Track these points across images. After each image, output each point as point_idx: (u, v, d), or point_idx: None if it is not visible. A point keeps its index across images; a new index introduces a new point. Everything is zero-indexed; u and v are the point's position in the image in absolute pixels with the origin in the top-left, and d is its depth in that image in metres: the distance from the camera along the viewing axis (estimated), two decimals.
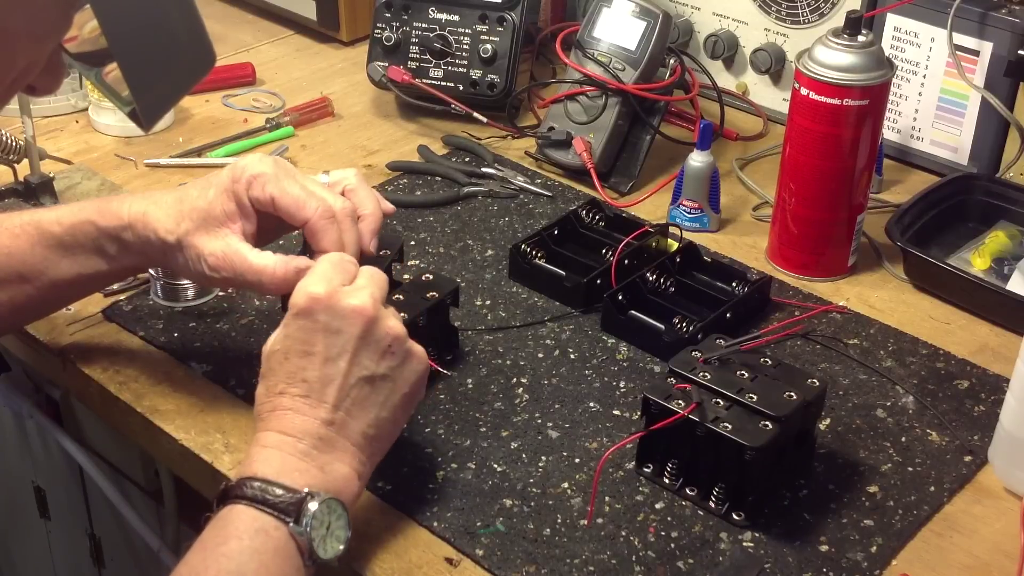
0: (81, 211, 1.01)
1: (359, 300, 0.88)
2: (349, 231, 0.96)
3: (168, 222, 0.97)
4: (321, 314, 0.88)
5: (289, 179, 0.96)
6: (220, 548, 0.81)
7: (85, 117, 1.51)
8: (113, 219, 0.99)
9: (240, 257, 0.96)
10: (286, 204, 0.95)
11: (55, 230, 1.01)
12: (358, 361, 0.88)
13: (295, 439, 0.86)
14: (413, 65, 1.50)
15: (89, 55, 0.84)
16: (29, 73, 0.79)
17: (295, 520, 0.82)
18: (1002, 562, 0.93)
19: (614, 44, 1.38)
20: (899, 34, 1.40)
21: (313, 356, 0.88)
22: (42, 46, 0.78)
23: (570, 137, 1.39)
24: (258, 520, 0.82)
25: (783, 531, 0.95)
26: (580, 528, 0.95)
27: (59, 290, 1.05)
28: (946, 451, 1.04)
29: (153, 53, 0.82)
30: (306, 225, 0.95)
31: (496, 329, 1.16)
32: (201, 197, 0.97)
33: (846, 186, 1.21)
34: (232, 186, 0.97)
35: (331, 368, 0.88)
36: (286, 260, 0.96)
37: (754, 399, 0.94)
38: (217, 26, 1.76)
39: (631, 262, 1.20)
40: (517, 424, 1.05)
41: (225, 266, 0.96)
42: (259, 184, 0.96)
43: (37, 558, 1.59)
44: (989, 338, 1.17)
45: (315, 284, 0.89)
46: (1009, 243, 1.27)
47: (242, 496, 0.83)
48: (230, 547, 0.81)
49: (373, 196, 1.00)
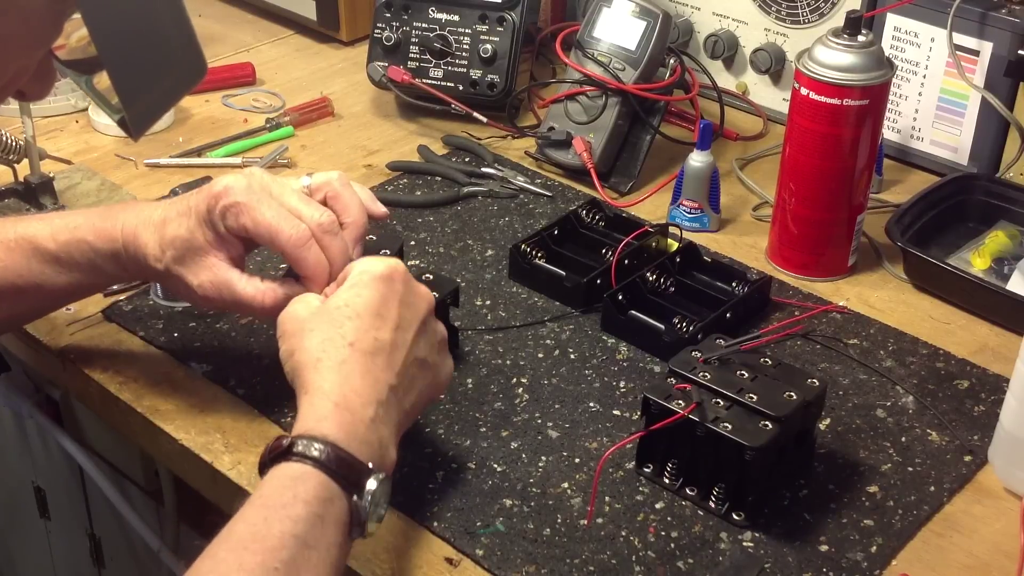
0: (77, 228, 0.99)
1: (426, 288, 0.93)
2: (331, 247, 0.94)
3: (154, 249, 0.96)
4: (400, 284, 0.90)
5: (264, 202, 0.93)
6: (287, 510, 0.78)
7: (85, 117, 1.51)
8: (107, 240, 0.98)
9: (229, 288, 0.95)
10: (259, 234, 0.94)
11: (50, 247, 1.00)
12: (419, 340, 0.90)
13: (365, 403, 0.85)
14: (413, 65, 1.50)
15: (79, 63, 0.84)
16: (19, 79, 0.79)
17: (357, 495, 0.81)
18: (1002, 562, 0.93)
19: (614, 44, 1.38)
20: (899, 34, 1.40)
21: (387, 319, 0.88)
22: (32, 52, 0.78)
23: (570, 137, 1.39)
24: (329, 488, 0.80)
25: (783, 531, 0.95)
26: (580, 528, 0.95)
27: (56, 298, 1.05)
28: (946, 451, 1.04)
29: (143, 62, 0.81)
30: (282, 253, 0.94)
31: (496, 329, 1.16)
32: (182, 225, 0.96)
33: (846, 186, 1.21)
34: (208, 217, 0.95)
35: (401, 336, 0.89)
36: (275, 288, 0.95)
37: (754, 399, 0.94)
38: (217, 26, 1.76)
39: (631, 262, 1.20)
40: (517, 424, 1.05)
41: (215, 296, 0.96)
42: (232, 215, 0.94)
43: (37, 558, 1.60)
44: (989, 338, 1.17)
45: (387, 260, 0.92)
46: (1009, 243, 1.27)
47: (311, 458, 0.81)
48: (297, 510, 0.78)
49: (356, 201, 0.98)
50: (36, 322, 1.14)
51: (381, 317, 0.88)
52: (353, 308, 0.88)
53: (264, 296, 0.95)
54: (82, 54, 0.83)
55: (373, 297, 0.89)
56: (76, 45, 0.82)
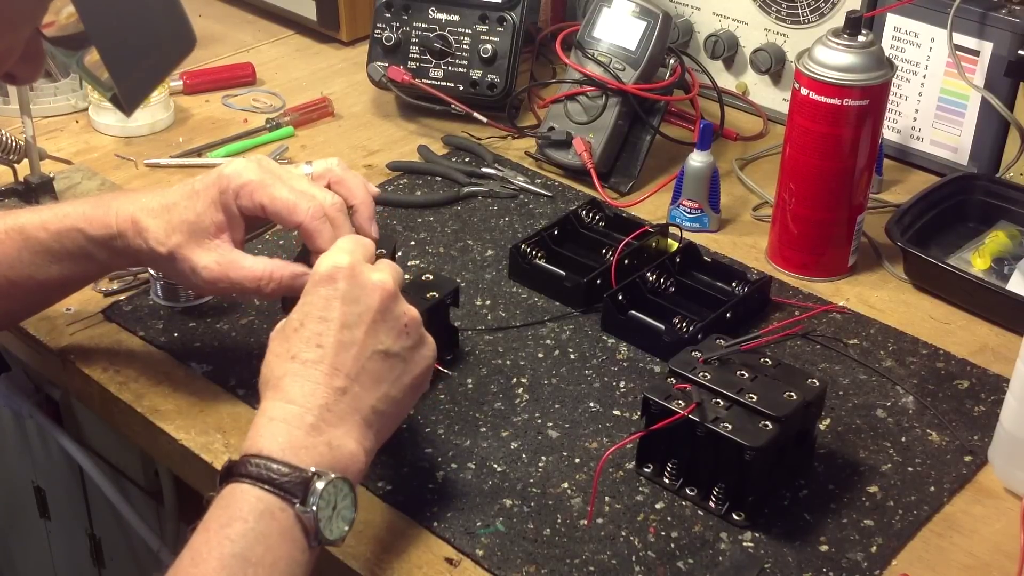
0: (67, 217, 1.00)
1: (380, 276, 0.89)
2: (343, 227, 0.95)
3: (159, 233, 0.97)
4: (342, 282, 0.88)
5: (277, 182, 0.95)
6: (224, 530, 0.79)
7: (85, 117, 1.51)
8: (101, 227, 0.98)
9: (236, 267, 0.96)
10: (277, 209, 0.95)
11: (41, 236, 0.99)
12: (375, 333, 0.88)
13: (304, 410, 0.84)
14: (413, 65, 1.50)
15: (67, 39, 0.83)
16: (6, 60, 0.78)
17: (301, 501, 0.80)
18: (1002, 562, 0.93)
19: (614, 44, 1.38)
20: (899, 34, 1.40)
21: (330, 322, 0.87)
22: (18, 31, 0.77)
23: (570, 137, 1.39)
24: (263, 501, 0.80)
25: (783, 531, 0.95)
26: (580, 528, 0.95)
27: (48, 291, 1.05)
28: (946, 451, 1.04)
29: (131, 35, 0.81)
30: (300, 228, 0.95)
31: (496, 329, 1.16)
32: (189, 209, 0.97)
33: (846, 186, 1.21)
34: (220, 198, 0.96)
35: (347, 335, 0.87)
36: (282, 264, 0.96)
37: (754, 399, 0.94)
38: (217, 26, 1.76)
39: (631, 262, 1.20)
40: (517, 424, 1.05)
41: (222, 277, 0.96)
42: (247, 193, 0.95)
43: (37, 558, 1.59)
44: (989, 338, 1.17)
45: (338, 256, 0.89)
46: (1009, 243, 1.27)
47: (247, 475, 0.81)
48: (234, 529, 0.79)
49: (361, 183, 1.00)
50: (36, 322, 1.14)
51: (324, 321, 0.87)
52: (298, 318, 0.88)
53: (273, 271, 0.96)
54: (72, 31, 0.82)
55: (315, 303, 0.88)
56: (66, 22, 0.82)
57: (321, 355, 0.86)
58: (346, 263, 0.88)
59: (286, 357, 0.87)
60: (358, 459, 0.85)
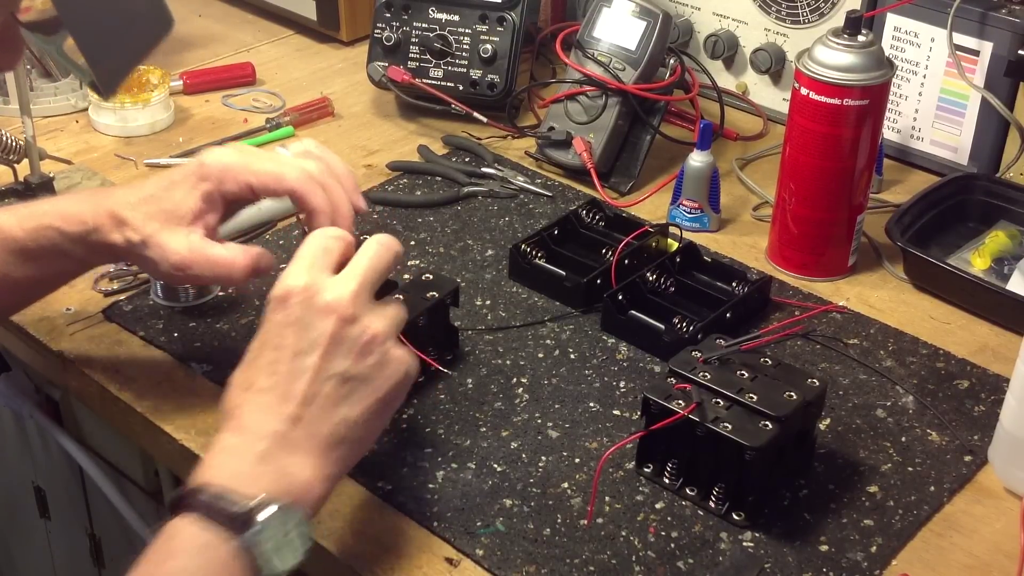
0: (43, 215, 0.99)
1: (335, 294, 0.85)
2: (334, 188, 0.96)
3: (136, 222, 0.97)
4: (295, 307, 0.85)
5: (258, 159, 0.96)
6: (164, 565, 0.77)
7: (85, 117, 1.51)
8: (77, 224, 0.98)
9: (204, 253, 0.96)
10: (264, 183, 0.95)
11: (17, 234, 0.99)
12: (330, 358, 0.84)
13: (255, 438, 0.82)
14: (413, 65, 1.50)
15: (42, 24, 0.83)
16: None
17: (245, 530, 0.78)
18: (1002, 562, 0.93)
19: (614, 44, 1.38)
20: (899, 34, 1.40)
21: (283, 350, 0.85)
22: None
23: (570, 137, 1.39)
24: (202, 535, 0.77)
25: (783, 531, 0.95)
26: (580, 528, 0.95)
27: (24, 291, 1.04)
28: (946, 451, 1.04)
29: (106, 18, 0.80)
30: (291, 193, 0.95)
31: (496, 329, 1.16)
32: (167, 198, 0.97)
33: (846, 186, 1.21)
34: (200, 184, 0.96)
35: (299, 363, 0.84)
36: (248, 249, 0.98)
37: (754, 399, 0.94)
38: (217, 26, 1.76)
39: (631, 262, 1.20)
40: (517, 424, 1.05)
41: (191, 263, 0.96)
42: (231, 177, 0.96)
43: (37, 558, 1.59)
44: (989, 338, 1.17)
45: (295, 275, 0.87)
46: (1009, 243, 1.27)
47: (191, 507, 0.79)
48: (175, 563, 0.77)
49: (337, 159, 1.00)
50: (36, 322, 1.14)
51: (277, 349, 0.85)
52: (257, 347, 0.86)
53: (236, 258, 0.96)
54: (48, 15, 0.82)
55: (269, 330, 0.86)
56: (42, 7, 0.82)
57: (275, 383, 0.84)
58: (300, 284, 0.86)
59: (243, 387, 0.85)
60: (313, 487, 0.83)
